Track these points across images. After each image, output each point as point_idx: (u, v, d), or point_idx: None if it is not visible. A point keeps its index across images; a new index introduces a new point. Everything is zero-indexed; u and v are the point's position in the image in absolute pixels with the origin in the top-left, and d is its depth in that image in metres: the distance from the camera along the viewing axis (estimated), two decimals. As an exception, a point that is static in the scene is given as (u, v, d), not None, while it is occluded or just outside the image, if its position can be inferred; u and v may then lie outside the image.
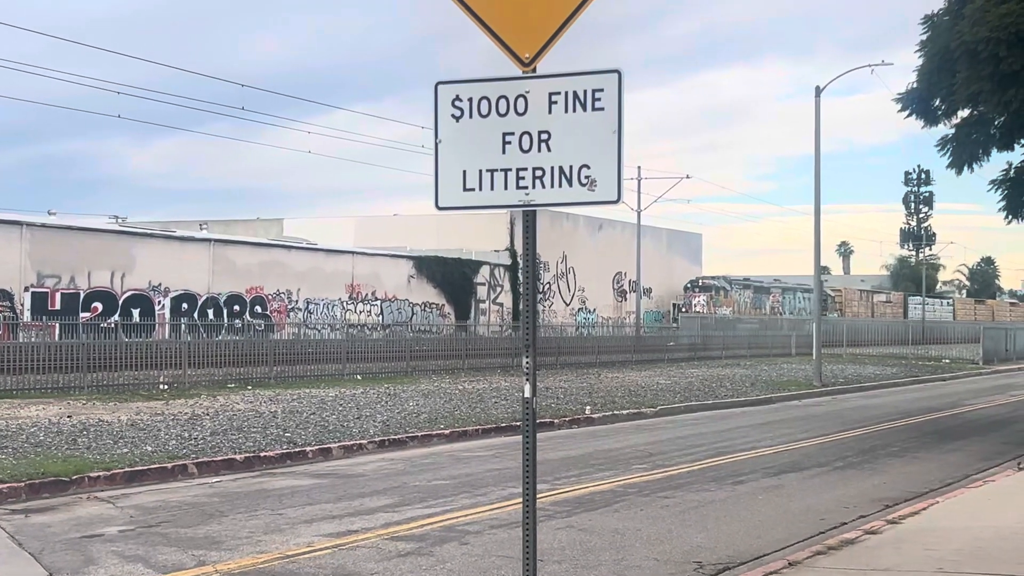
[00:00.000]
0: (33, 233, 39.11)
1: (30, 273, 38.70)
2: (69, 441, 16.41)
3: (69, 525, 11.28)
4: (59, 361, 26.75)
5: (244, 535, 10.74)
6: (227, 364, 30.64)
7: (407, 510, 12.29)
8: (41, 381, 25.70)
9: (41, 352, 27.13)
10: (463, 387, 29.90)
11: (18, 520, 11.52)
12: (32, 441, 16.25)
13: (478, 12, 6.02)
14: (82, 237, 41.26)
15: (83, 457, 14.77)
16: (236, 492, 13.51)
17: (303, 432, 18.43)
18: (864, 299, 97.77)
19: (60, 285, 39.78)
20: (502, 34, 6.02)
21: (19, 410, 21.03)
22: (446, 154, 6.19)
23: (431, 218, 65.37)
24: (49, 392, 25.18)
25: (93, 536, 10.71)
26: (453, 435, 19.42)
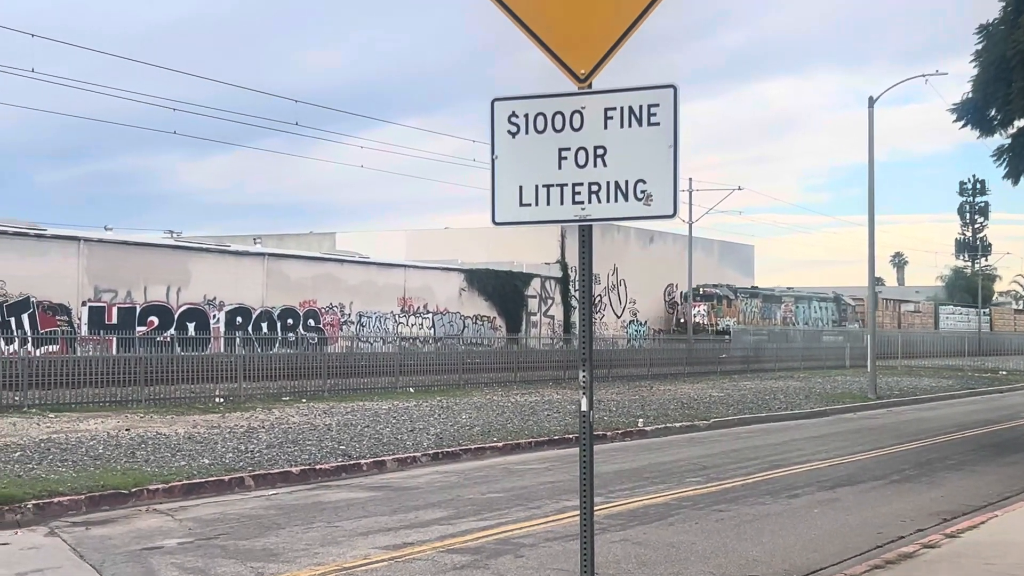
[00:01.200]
0: (90, 248, 39.64)
1: (87, 288, 39.20)
2: (128, 454, 16.61)
3: (129, 537, 11.42)
4: (117, 375, 27.09)
5: (301, 547, 10.83)
6: (281, 377, 30.90)
7: (462, 523, 12.34)
8: (99, 395, 26.04)
9: (99, 366, 27.48)
10: (515, 400, 29.93)
11: (79, 532, 11.68)
12: (92, 454, 16.47)
13: (534, 29, 6.07)
14: (138, 252, 41.77)
15: (142, 470, 14.96)
16: (292, 504, 13.62)
17: (357, 445, 18.54)
18: (891, 309, 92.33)
19: (117, 299, 40.28)
20: (558, 50, 6.07)
21: (78, 423, 21.33)
22: (503, 170, 6.25)
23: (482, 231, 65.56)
24: (107, 405, 25.49)
25: (153, 548, 10.84)
26: (506, 448, 19.46)
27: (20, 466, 14.97)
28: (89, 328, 38.79)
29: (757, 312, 72.39)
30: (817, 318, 79.45)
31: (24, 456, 15.98)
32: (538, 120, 6.14)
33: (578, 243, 6.24)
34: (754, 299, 72.44)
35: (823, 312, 80.00)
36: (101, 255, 39.91)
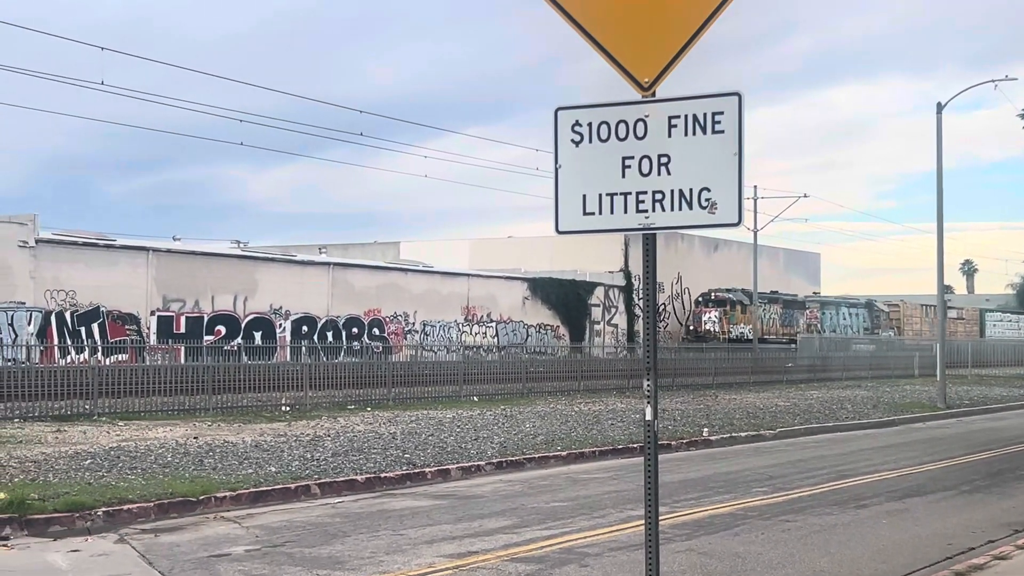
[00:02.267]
0: (159, 259, 40.18)
1: (156, 297, 39.74)
2: (196, 462, 16.80)
3: (197, 544, 11.55)
4: (185, 383, 27.43)
5: (367, 555, 10.89)
6: (346, 386, 31.11)
7: (526, 531, 12.33)
8: (168, 403, 26.37)
9: (167, 375, 27.86)
10: (579, 409, 29.88)
11: (148, 539, 11.83)
12: (160, 462, 16.68)
13: (597, 37, 6.07)
14: (206, 262, 42.27)
15: (209, 478, 15.12)
16: (358, 512, 13.70)
17: (422, 453, 18.61)
18: (930, 315, 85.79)
19: (185, 309, 40.80)
20: (621, 59, 6.05)
21: (147, 431, 21.61)
22: (566, 179, 6.24)
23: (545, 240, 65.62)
24: (176, 414, 25.81)
25: (220, 555, 10.96)
26: (570, 457, 19.42)
27: (90, 474, 15.20)
28: (158, 337, 39.32)
29: (777, 319, 68.33)
30: (846, 325, 74.99)
31: (94, 464, 16.21)
32: (601, 129, 6.13)
33: (642, 252, 6.22)
34: (773, 305, 68.14)
35: (853, 319, 75.43)
36: (169, 265, 40.44)
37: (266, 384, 29.24)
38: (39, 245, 36.37)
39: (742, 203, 5.86)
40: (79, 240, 38.22)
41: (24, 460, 16.52)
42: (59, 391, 25.13)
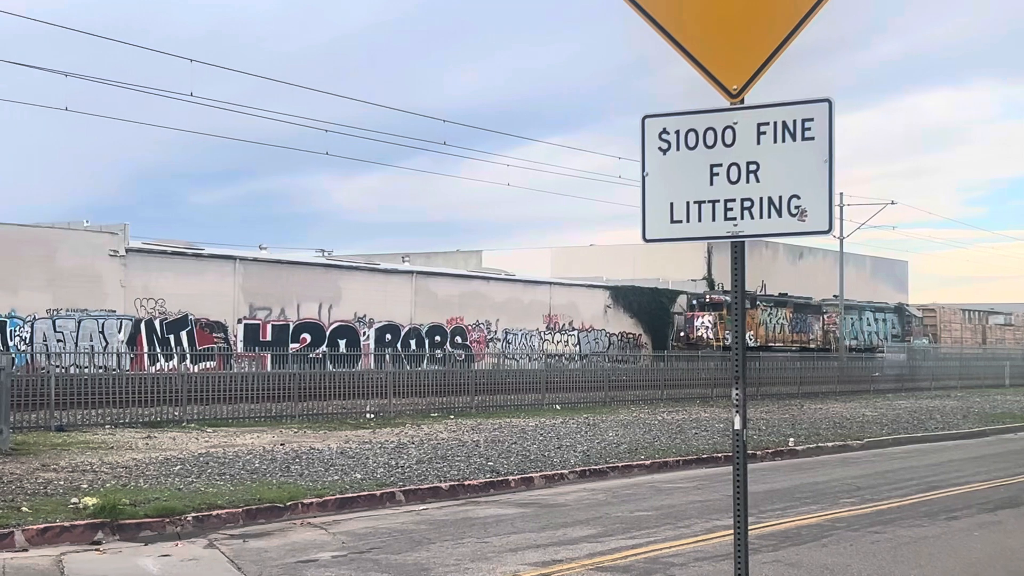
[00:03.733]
0: (246, 267, 40.76)
1: (243, 305, 40.31)
2: (283, 468, 17.00)
3: (285, 550, 11.67)
4: (271, 391, 27.78)
5: (452, 563, 10.92)
6: (430, 394, 31.29)
7: (610, 541, 12.28)
8: (255, 410, 26.72)
9: (254, 382, 28.23)
10: (662, 418, 29.74)
11: (236, 545, 11.97)
12: (248, 468, 16.89)
13: (684, 44, 6.04)
14: (291, 270, 42.80)
15: (296, 484, 15.27)
16: (442, 520, 13.75)
17: (505, 461, 18.63)
18: (972, 321, 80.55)
19: (271, 317, 41.34)
20: (709, 66, 6.02)
21: (235, 438, 21.91)
22: (653, 186, 6.23)
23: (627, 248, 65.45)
24: (262, 421, 26.14)
25: (308, 561, 11.05)
26: (654, 466, 19.33)
27: (180, 479, 15.44)
28: (244, 345, 39.87)
29: (786, 324, 61.47)
30: (871, 331, 68.43)
31: (184, 470, 16.47)
32: (689, 136, 6.10)
33: (730, 260, 6.18)
34: (781, 309, 61.23)
35: (880, 325, 68.88)
36: (256, 274, 41.02)
37: (351, 392, 29.51)
38: (129, 254, 37.09)
39: (832, 210, 5.80)
40: (168, 249, 38.90)
41: (116, 466, 16.83)
42: (149, 398, 25.58)
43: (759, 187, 5.94)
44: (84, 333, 35.78)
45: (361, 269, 46.61)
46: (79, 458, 17.80)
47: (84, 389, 24.74)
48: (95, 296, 36.31)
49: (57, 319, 35.40)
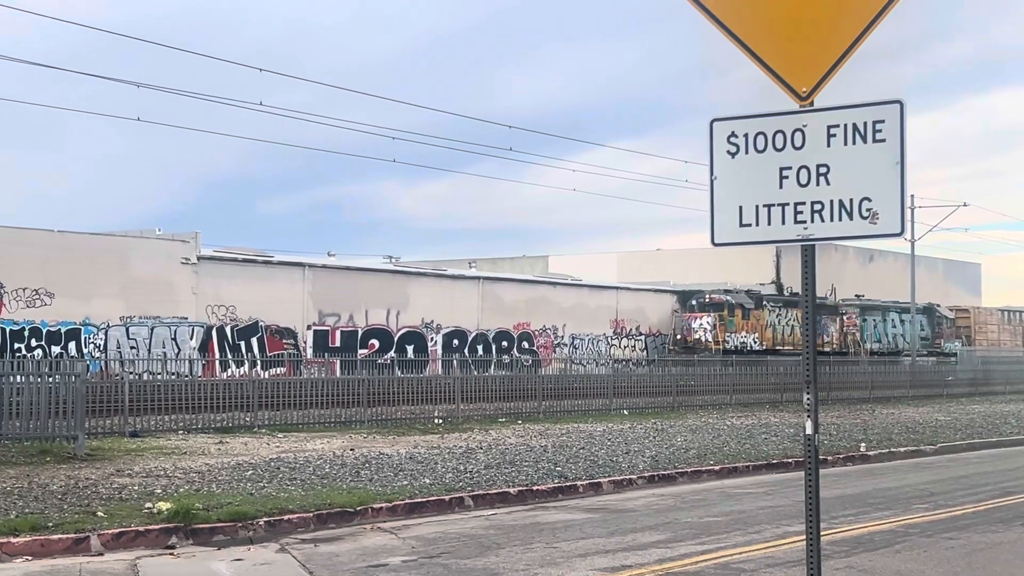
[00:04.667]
0: (315, 274, 41.12)
1: (312, 312, 40.66)
2: (352, 473, 17.12)
3: (355, 555, 11.75)
4: (340, 396, 27.97)
5: (521, 568, 10.94)
6: (497, 399, 31.32)
7: (680, 546, 12.23)
8: (324, 415, 26.93)
9: (323, 388, 28.44)
10: (731, 422, 29.54)
11: (308, 549, 12.08)
12: (318, 473, 17.03)
13: (752, 47, 6.01)
14: (359, 277, 43.13)
15: (366, 489, 15.37)
16: (511, 525, 13.77)
17: (573, 466, 18.62)
18: (1012, 322, 73.72)
19: (340, 323, 41.65)
20: (778, 69, 5.99)
21: (305, 443, 22.10)
22: (721, 190, 6.20)
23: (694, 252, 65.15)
24: (332, 426, 26.33)
25: (378, 565, 11.13)
26: (723, 471, 19.21)
27: (252, 484, 15.61)
28: (314, 351, 40.21)
29: (797, 326, 54.46)
30: (897, 334, 63.58)
31: (255, 475, 16.64)
32: (758, 139, 6.07)
33: (801, 263, 6.14)
34: (789, 309, 56.44)
35: (907, 327, 63.74)
36: (324, 280, 41.36)
37: (419, 397, 29.64)
38: (201, 262, 37.57)
39: (904, 212, 5.75)
40: (239, 256, 39.37)
41: (189, 471, 17.05)
42: (221, 403, 25.87)
43: (829, 190, 5.90)
44: (157, 340, 36.29)
45: (428, 275, 46.82)
46: (153, 463, 18.06)
47: (157, 395, 25.09)
48: (167, 303, 36.81)
49: (130, 326, 35.93)
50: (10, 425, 19.31)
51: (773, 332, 55.18)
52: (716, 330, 51.65)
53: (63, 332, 34.70)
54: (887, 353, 60.84)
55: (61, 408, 19.48)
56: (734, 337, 52.72)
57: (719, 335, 51.70)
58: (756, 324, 53.91)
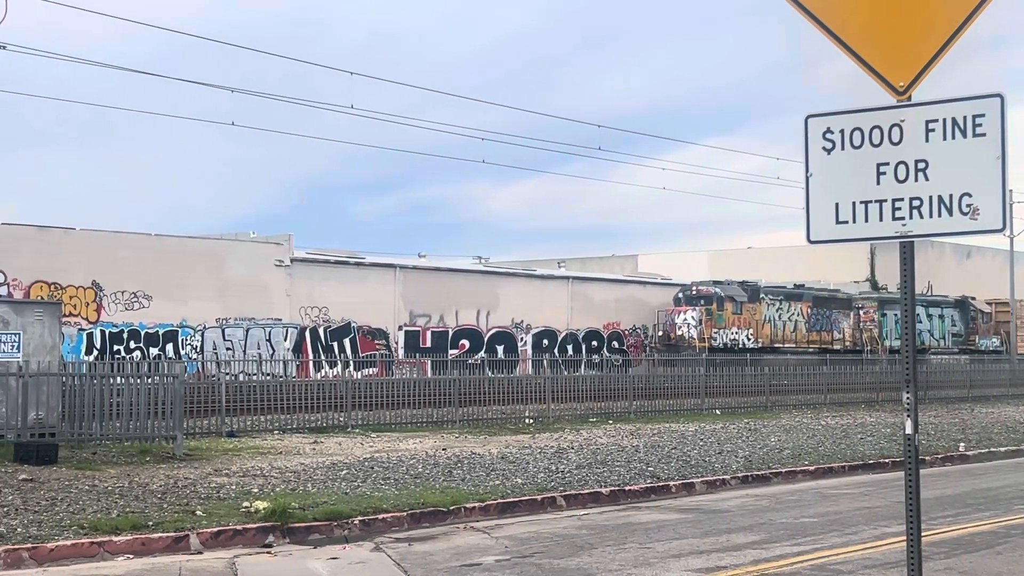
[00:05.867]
0: (406, 275, 41.46)
1: (403, 313, 40.99)
2: (445, 473, 17.21)
3: (449, 554, 11.81)
4: (432, 396, 28.16)
5: (614, 568, 10.91)
6: (587, 399, 31.29)
7: (775, 547, 12.10)
8: (416, 415, 27.12)
9: (415, 388, 28.65)
10: (825, 422, 29.18)
11: (402, 548, 12.17)
12: (411, 473, 17.15)
13: (848, 41, 5.94)
14: (450, 277, 43.36)
15: (458, 488, 15.44)
16: (604, 525, 13.74)
17: (665, 467, 18.52)
18: None
19: (430, 324, 41.93)
20: (874, 63, 5.90)
21: (398, 443, 22.27)
22: (817, 187, 6.13)
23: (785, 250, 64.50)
24: (424, 426, 26.51)
25: (472, 565, 11.17)
26: (818, 472, 18.97)
27: (346, 484, 15.77)
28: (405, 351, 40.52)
29: (801, 321, 52.27)
30: (924, 330, 57.85)
31: (350, 474, 16.81)
32: (854, 135, 6.00)
33: (899, 261, 6.04)
34: (795, 303, 52.06)
35: (935, 322, 58.85)
36: (415, 281, 41.68)
37: (509, 397, 29.71)
38: (294, 264, 38.10)
39: (1007, 208, 5.63)
40: (331, 258, 39.83)
41: (284, 470, 17.28)
42: (315, 404, 26.18)
43: (928, 186, 5.81)
44: (251, 341, 36.86)
45: (518, 275, 46.93)
46: (249, 463, 18.33)
47: (252, 396, 25.48)
48: (261, 305, 37.38)
49: (226, 328, 36.55)
50: (111, 426, 19.74)
51: (773, 327, 50.86)
52: (702, 325, 47.61)
53: (161, 334, 35.41)
54: None
55: (160, 409, 19.86)
56: (723, 333, 48.38)
57: (706, 331, 47.60)
58: (750, 319, 49.59)
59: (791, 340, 51.24)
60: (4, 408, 18.68)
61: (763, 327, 50.07)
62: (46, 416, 18.97)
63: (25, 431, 18.30)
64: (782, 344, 50.48)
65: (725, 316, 48.47)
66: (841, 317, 54.20)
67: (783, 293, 52.13)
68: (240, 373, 33.87)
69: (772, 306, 50.92)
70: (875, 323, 55.65)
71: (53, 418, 19.11)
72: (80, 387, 19.63)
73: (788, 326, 51.49)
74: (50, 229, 34.34)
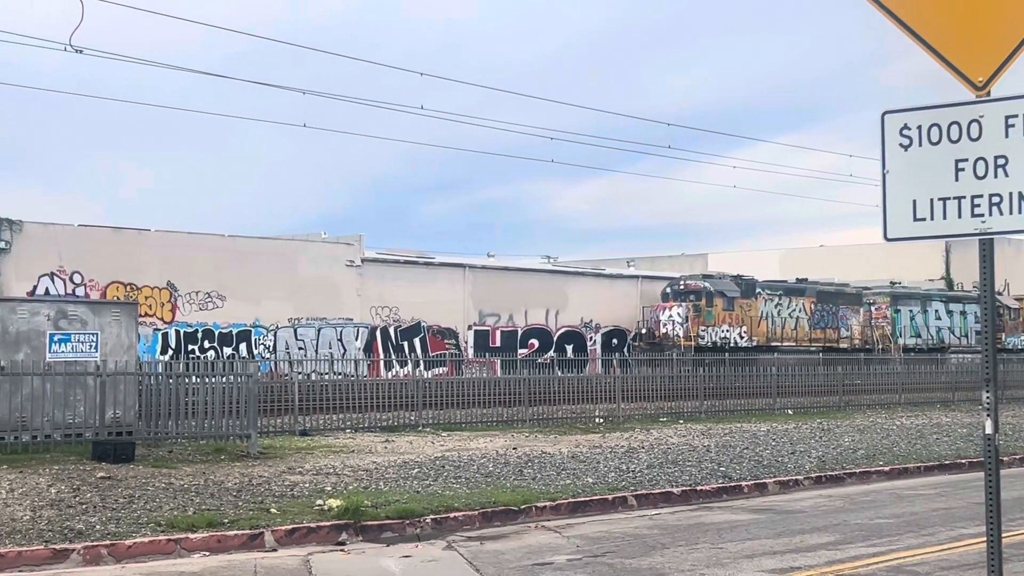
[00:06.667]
0: (475, 275, 41.57)
1: (472, 312, 41.11)
2: (516, 472, 17.23)
3: (520, 553, 11.83)
4: (501, 395, 28.22)
5: (687, 568, 10.86)
6: (658, 398, 31.19)
7: (850, 548, 11.97)
8: (486, 415, 27.19)
9: (485, 387, 28.73)
10: (900, 422, 28.81)
11: (474, 546, 12.21)
12: (482, 472, 17.20)
13: (925, 37, 5.86)
14: (518, 277, 43.40)
15: (529, 488, 15.45)
16: (675, 525, 13.68)
17: (737, 467, 18.40)
18: None
19: (499, 323, 41.99)
20: (952, 58, 5.83)
21: (468, 442, 22.34)
22: (894, 184, 6.06)
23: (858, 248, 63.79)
24: (494, 425, 26.56)
25: (543, 564, 11.18)
26: (893, 472, 18.74)
27: (418, 482, 15.85)
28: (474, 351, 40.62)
29: (803, 318, 48.91)
30: (942, 327, 54.76)
31: (421, 473, 16.89)
32: (932, 131, 5.92)
33: (979, 258, 5.96)
34: (796, 298, 48.87)
35: (955, 319, 55.39)
36: (484, 281, 41.78)
37: (579, 396, 29.69)
38: (364, 264, 38.37)
39: (1089, 204, 5.53)
40: (401, 258, 40.07)
41: (357, 469, 17.40)
42: (386, 403, 26.35)
43: (1008, 182, 5.72)
44: (323, 341, 37.19)
45: (586, 274, 46.85)
46: (322, 461, 18.49)
47: (324, 395, 25.70)
48: (333, 305, 37.69)
49: (298, 327, 36.90)
50: (186, 424, 20.02)
51: (771, 325, 47.50)
52: (688, 322, 44.25)
53: (234, 334, 35.84)
54: (928, 350, 52.16)
55: (234, 408, 20.09)
56: (712, 331, 44.97)
57: (692, 329, 44.27)
58: (743, 315, 46.28)
59: (791, 338, 48.20)
60: (82, 407, 19.03)
61: (759, 324, 47.01)
62: (123, 415, 19.31)
63: (103, 430, 18.63)
64: (780, 343, 47.31)
65: (715, 312, 45.29)
66: (849, 313, 51.18)
67: (783, 288, 49.32)
68: (312, 372, 34.18)
69: (770, 302, 47.81)
70: (888, 320, 52.25)
71: (130, 417, 19.45)
72: (156, 386, 19.92)
73: (788, 323, 48.47)
74: (125, 230, 34.90)
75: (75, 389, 19.04)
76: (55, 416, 18.64)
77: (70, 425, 18.89)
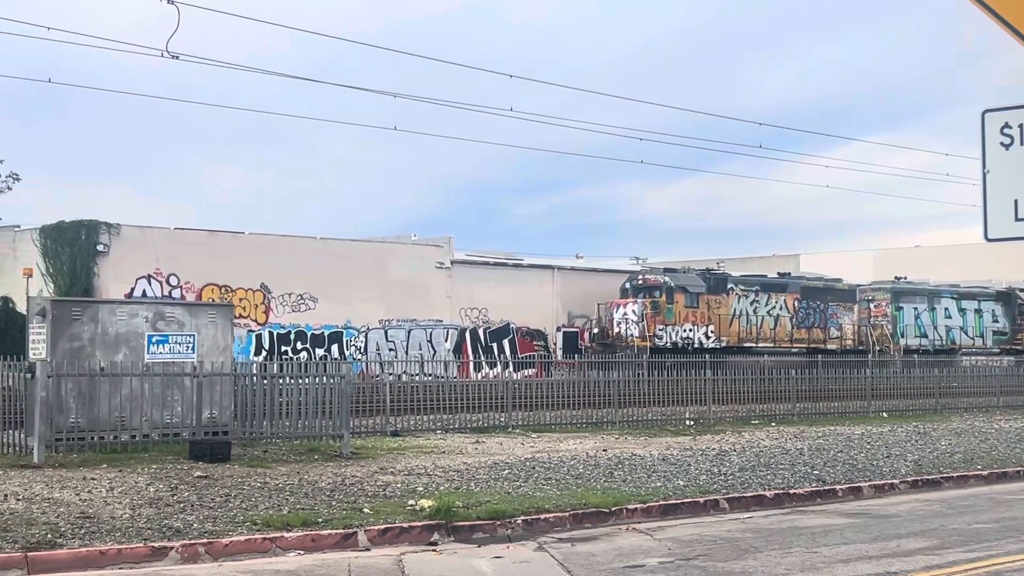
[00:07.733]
0: (563, 276, 41.57)
1: (561, 313, 41.11)
2: (606, 474, 17.20)
3: (612, 555, 11.81)
4: (591, 397, 28.17)
5: (780, 572, 10.76)
6: (749, 400, 30.94)
7: (947, 553, 11.77)
8: (576, 416, 27.17)
9: (573, 389, 28.71)
10: (999, 426, 28.23)
11: (565, 548, 12.21)
12: (572, 473, 17.19)
13: (1026, 33, 5.73)
14: (607, 278, 43.27)
15: (620, 489, 15.42)
16: (768, 528, 13.55)
17: (831, 470, 18.18)
18: None
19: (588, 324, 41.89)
20: (1055, 54, 5.69)
21: (558, 444, 22.34)
22: (995, 184, 5.94)
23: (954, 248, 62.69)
24: (583, 427, 26.53)
25: (635, 566, 11.15)
26: (992, 476, 18.39)
27: (508, 483, 15.89)
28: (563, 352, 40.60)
29: (786, 316, 44.98)
30: (952, 326, 50.59)
31: (511, 474, 16.93)
32: (1034, 129, 5.78)
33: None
34: (775, 294, 44.95)
35: (967, 317, 51.24)
36: (573, 282, 41.75)
37: (670, 398, 29.52)
38: (454, 266, 38.60)
39: None
40: (490, 260, 40.23)
41: (448, 469, 17.49)
42: (475, 404, 26.45)
43: (1114, 180, 5.57)
44: (413, 342, 37.48)
45: (675, 274, 46.57)
46: (413, 462, 18.61)
47: (415, 396, 25.89)
48: (423, 306, 37.96)
49: (389, 329, 37.24)
50: (280, 425, 20.28)
51: (745, 324, 43.62)
52: (644, 321, 40.29)
53: (326, 335, 36.27)
54: (936, 352, 47.97)
55: (327, 408, 20.30)
56: (672, 331, 41.06)
57: (649, 327, 40.32)
58: (711, 313, 42.48)
59: (768, 338, 44.30)
60: (180, 407, 19.38)
61: (730, 323, 43.18)
62: (219, 415, 19.62)
63: (199, 429, 18.94)
64: (755, 343, 43.57)
65: (676, 310, 41.27)
66: (841, 311, 47.51)
67: (760, 283, 45.14)
68: (403, 373, 34.45)
69: (744, 298, 43.79)
70: (888, 318, 48.42)
71: (226, 417, 19.76)
72: (251, 387, 20.21)
73: (767, 322, 44.50)
74: (220, 233, 35.50)
75: (172, 390, 19.37)
76: (153, 416, 18.99)
77: (168, 425, 19.23)
